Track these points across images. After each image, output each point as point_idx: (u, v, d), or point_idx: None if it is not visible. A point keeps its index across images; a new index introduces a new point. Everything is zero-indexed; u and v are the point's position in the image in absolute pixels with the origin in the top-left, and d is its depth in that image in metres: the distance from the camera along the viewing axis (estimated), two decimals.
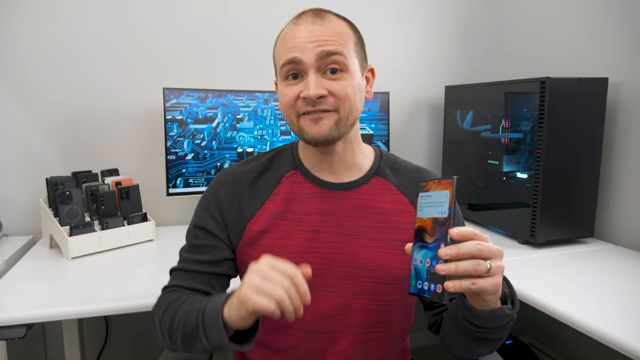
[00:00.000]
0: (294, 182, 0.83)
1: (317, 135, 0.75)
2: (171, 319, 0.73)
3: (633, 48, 1.39)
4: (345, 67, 0.74)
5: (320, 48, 0.73)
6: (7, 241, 1.48)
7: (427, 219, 0.63)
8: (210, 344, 0.66)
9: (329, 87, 0.74)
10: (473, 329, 0.70)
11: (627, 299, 1.04)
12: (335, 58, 0.73)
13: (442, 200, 0.61)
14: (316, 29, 0.74)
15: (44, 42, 1.53)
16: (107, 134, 1.62)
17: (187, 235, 0.86)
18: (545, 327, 1.77)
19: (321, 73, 0.74)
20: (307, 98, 0.73)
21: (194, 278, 0.80)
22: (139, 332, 1.74)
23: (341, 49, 0.74)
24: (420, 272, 0.61)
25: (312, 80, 0.73)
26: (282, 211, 0.81)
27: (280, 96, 0.78)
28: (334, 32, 0.75)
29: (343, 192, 0.82)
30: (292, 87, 0.75)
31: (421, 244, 0.62)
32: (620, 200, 1.44)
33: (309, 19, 0.75)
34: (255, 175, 0.84)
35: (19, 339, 0.97)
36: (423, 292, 0.61)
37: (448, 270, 0.58)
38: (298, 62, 0.73)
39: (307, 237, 0.79)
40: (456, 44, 1.97)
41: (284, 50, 0.75)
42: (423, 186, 0.65)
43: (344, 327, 0.78)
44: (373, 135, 1.76)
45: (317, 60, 0.73)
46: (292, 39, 0.74)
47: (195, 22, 1.66)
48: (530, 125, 1.39)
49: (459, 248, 0.58)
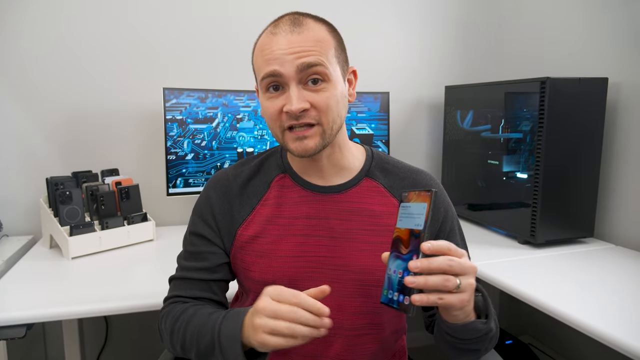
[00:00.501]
0: (283, 186, 0.83)
1: (303, 153, 0.75)
2: (182, 335, 0.74)
3: (633, 48, 1.39)
4: (326, 77, 0.73)
5: (300, 60, 0.71)
6: (7, 241, 1.48)
7: (404, 230, 0.63)
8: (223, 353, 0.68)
9: (311, 99, 0.72)
10: (449, 339, 0.71)
11: (627, 299, 1.04)
12: (316, 69, 0.71)
13: (420, 212, 0.61)
14: (294, 39, 0.71)
15: (44, 42, 1.53)
16: (107, 134, 1.62)
17: (184, 242, 0.87)
18: (545, 327, 1.77)
19: (302, 84, 0.72)
20: (290, 112, 0.72)
21: (194, 286, 0.81)
22: (139, 332, 1.74)
23: (321, 59, 0.72)
24: (392, 282, 0.62)
25: (294, 94, 0.71)
26: (272, 216, 0.81)
27: (263, 108, 0.77)
28: (314, 41, 0.72)
29: (333, 195, 0.81)
30: (274, 100, 0.74)
31: (396, 254, 0.63)
32: (620, 200, 1.44)
33: (287, 27, 0.73)
34: (245, 179, 0.84)
35: (19, 339, 0.98)
36: (392, 302, 0.61)
37: (417, 283, 0.58)
38: (278, 75, 0.72)
39: (298, 241, 0.79)
40: (456, 44, 1.97)
41: (263, 62, 0.73)
42: (405, 196, 0.65)
43: (337, 330, 0.78)
44: (373, 135, 1.76)
45: (298, 72, 0.71)
46: (271, 50, 0.72)
47: (195, 22, 1.66)
48: (530, 125, 1.39)
49: (429, 262, 0.58)
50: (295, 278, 0.78)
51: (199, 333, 0.71)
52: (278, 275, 0.78)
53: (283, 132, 0.75)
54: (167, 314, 0.79)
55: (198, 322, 0.73)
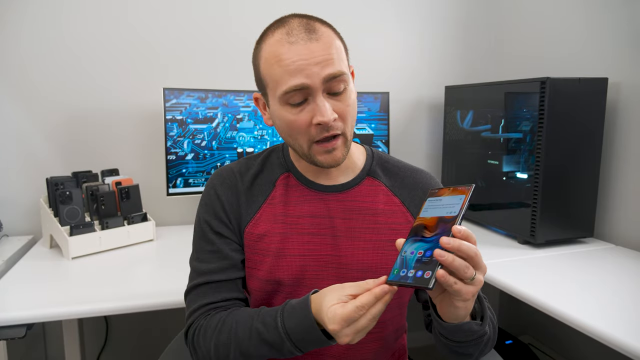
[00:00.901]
0: (288, 185, 0.83)
1: (332, 164, 0.75)
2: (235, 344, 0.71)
3: (633, 48, 1.39)
4: (345, 83, 0.73)
5: (326, 71, 0.69)
6: (7, 241, 1.48)
7: (431, 218, 0.64)
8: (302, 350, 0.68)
9: (335, 108, 0.72)
10: (444, 340, 0.71)
11: (627, 299, 1.04)
12: (340, 79, 0.71)
13: (455, 203, 0.63)
14: (314, 47, 0.69)
15: (44, 42, 1.53)
16: (107, 134, 1.62)
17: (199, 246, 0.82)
18: (545, 327, 1.77)
19: (325, 93, 0.72)
20: (324, 124, 0.71)
21: (222, 288, 0.79)
22: (139, 332, 1.73)
23: (343, 68, 0.72)
24: (407, 262, 0.62)
25: (325, 105, 0.70)
26: (278, 214, 0.81)
27: (284, 120, 0.74)
28: (332, 47, 0.71)
29: (336, 194, 0.82)
30: (300, 113, 0.72)
31: (416, 239, 0.63)
32: (620, 200, 1.44)
33: (303, 34, 0.70)
34: (251, 177, 0.83)
35: (19, 339, 0.98)
36: (405, 279, 0.61)
37: (446, 257, 0.58)
38: (305, 88, 0.70)
39: (304, 240, 0.79)
40: (456, 44, 1.97)
41: (285, 74, 0.70)
42: (434, 192, 0.67)
43: None
44: (373, 135, 1.76)
45: (323, 83, 0.70)
46: (292, 60, 0.69)
47: (196, 22, 1.66)
48: (530, 125, 1.39)
49: (460, 244, 0.59)
50: (301, 277, 0.78)
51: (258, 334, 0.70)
52: (285, 274, 0.78)
53: (311, 146, 0.74)
54: (203, 328, 0.74)
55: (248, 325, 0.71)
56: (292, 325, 0.67)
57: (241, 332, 0.71)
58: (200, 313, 0.77)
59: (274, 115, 0.77)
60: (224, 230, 0.81)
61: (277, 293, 0.80)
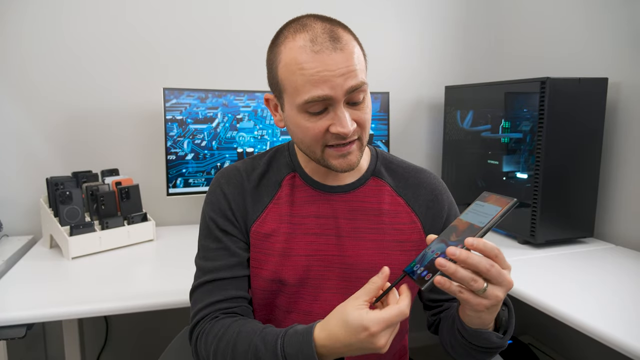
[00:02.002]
0: (294, 186, 0.83)
1: (347, 168, 0.75)
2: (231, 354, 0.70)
3: (633, 48, 1.39)
4: (365, 93, 0.73)
5: (349, 83, 0.69)
6: (7, 241, 1.48)
7: (465, 222, 0.65)
8: None
9: (355, 117, 0.72)
10: (460, 338, 0.71)
11: (627, 299, 1.04)
12: (361, 89, 0.71)
13: (489, 213, 0.63)
14: (339, 58, 0.68)
15: (44, 42, 1.53)
16: (107, 134, 1.62)
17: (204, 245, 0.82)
18: (545, 327, 1.77)
19: (345, 103, 0.71)
20: (342, 134, 0.70)
21: (228, 286, 0.78)
22: (139, 332, 1.73)
23: (364, 79, 0.71)
24: (424, 258, 0.63)
25: (346, 117, 0.70)
26: (284, 214, 0.81)
27: (300, 127, 0.73)
28: (355, 58, 0.70)
29: (341, 194, 0.82)
30: (317, 121, 0.71)
31: (443, 239, 0.64)
32: (620, 200, 1.44)
33: (327, 43, 0.68)
34: (257, 176, 0.83)
35: (19, 339, 0.98)
36: (413, 274, 0.63)
37: (446, 267, 0.58)
38: (328, 99, 0.69)
39: (309, 240, 0.80)
40: (456, 44, 1.97)
41: (308, 84, 0.68)
42: (485, 197, 0.67)
43: None
44: (373, 135, 1.76)
45: (346, 94, 0.70)
46: (317, 70, 0.68)
47: (195, 22, 1.66)
48: (530, 125, 1.39)
49: (468, 256, 0.59)
50: (306, 277, 0.79)
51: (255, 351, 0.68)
52: (289, 273, 0.78)
53: (323, 150, 0.74)
54: (206, 332, 0.74)
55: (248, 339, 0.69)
56: (292, 351, 0.65)
57: (240, 345, 0.69)
58: (206, 312, 0.76)
59: (288, 120, 0.76)
60: (230, 228, 0.80)
61: (280, 293, 0.80)
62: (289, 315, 0.80)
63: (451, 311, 0.79)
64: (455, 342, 0.75)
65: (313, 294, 0.79)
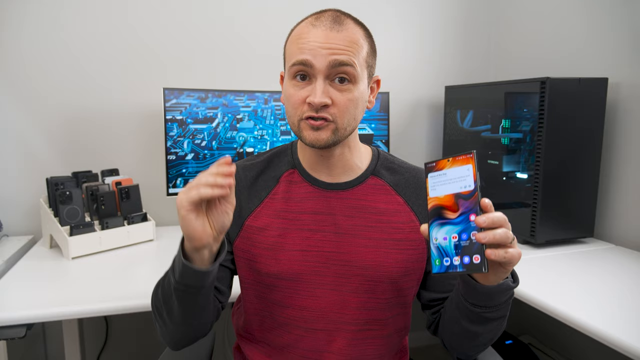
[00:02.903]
0: (292, 182, 0.84)
1: (314, 142, 0.76)
2: (155, 290, 0.76)
3: (633, 48, 1.39)
4: (353, 78, 0.75)
5: (333, 57, 0.73)
6: (7, 241, 1.48)
7: (446, 196, 0.62)
8: (176, 278, 0.68)
9: (333, 96, 0.74)
10: (479, 310, 0.70)
11: (627, 299, 1.04)
12: (346, 69, 0.73)
13: (464, 175, 0.61)
14: (332, 36, 0.73)
15: (44, 42, 1.53)
16: (107, 134, 1.62)
17: None
18: (545, 327, 1.77)
19: (329, 80, 0.74)
20: (312, 104, 0.73)
21: None
22: (139, 332, 1.74)
23: (353, 59, 0.74)
24: (445, 249, 0.61)
25: (320, 88, 0.73)
26: (280, 210, 0.82)
27: (286, 94, 0.78)
28: (350, 42, 0.74)
29: (339, 192, 0.83)
30: (299, 89, 0.75)
31: (442, 222, 0.62)
32: (620, 200, 1.44)
33: (328, 23, 0.74)
34: (255, 173, 0.85)
35: (19, 339, 0.98)
36: (454, 267, 0.60)
37: (488, 237, 0.58)
38: (309, 65, 0.73)
39: (304, 235, 0.80)
40: (456, 44, 1.97)
41: (296, 50, 0.75)
42: (432, 166, 0.65)
43: (341, 325, 0.79)
44: (373, 135, 1.76)
45: (328, 67, 0.73)
46: (307, 40, 0.74)
47: (195, 23, 1.66)
48: (530, 125, 1.39)
49: (493, 218, 0.59)
50: (300, 272, 0.79)
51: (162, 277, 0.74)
52: (284, 268, 0.79)
53: (300, 121, 0.76)
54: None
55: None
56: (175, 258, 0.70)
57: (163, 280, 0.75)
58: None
59: (284, 91, 0.80)
60: None
61: (275, 287, 0.80)
62: (284, 310, 0.80)
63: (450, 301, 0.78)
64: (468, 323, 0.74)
65: (308, 290, 0.79)
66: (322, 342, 0.80)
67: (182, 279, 0.67)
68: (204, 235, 0.64)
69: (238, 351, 0.92)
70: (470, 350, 0.82)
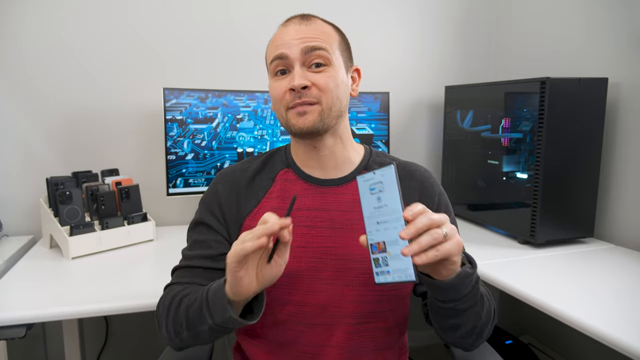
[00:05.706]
0: (287, 180, 0.86)
1: (302, 127, 0.79)
2: (176, 308, 0.75)
3: (633, 48, 1.39)
4: (328, 61, 0.79)
5: (305, 44, 0.78)
6: (7, 241, 1.48)
7: (374, 209, 0.65)
8: (215, 321, 0.68)
9: (312, 79, 0.78)
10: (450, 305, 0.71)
11: (627, 299, 1.04)
12: (319, 53, 0.79)
13: (387, 187, 0.64)
14: (302, 29, 0.80)
15: (44, 42, 1.53)
16: (107, 134, 1.62)
17: (188, 233, 0.88)
18: (545, 327, 1.77)
19: (306, 67, 0.79)
20: (293, 88, 0.77)
21: (196, 274, 0.82)
22: (139, 332, 1.73)
23: (325, 45, 0.79)
24: (380, 260, 0.64)
25: (297, 73, 0.78)
26: (277, 208, 0.83)
27: (271, 91, 0.83)
28: (319, 32, 0.80)
29: (333, 187, 0.85)
30: (280, 81, 0.80)
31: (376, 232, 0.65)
32: (620, 200, 1.44)
33: (296, 20, 0.82)
34: (251, 174, 0.87)
35: (19, 339, 0.98)
36: (386, 279, 0.63)
37: (412, 250, 0.60)
38: (285, 58, 0.79)
39: (301, 232, 0.82)
40: (456, 44, 1.97)
41: (273, 49, 0.81)
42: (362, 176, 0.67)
43: (339, 319, 0.80)
44: (373, 135, 1.76)
45: (302, 54, 0.78)
46: (281, 38, 0.80)
47: (196, 22, 1.66)
48: (530, 125, 1.39)
49: (416, 227, 0.60)
50: (299, 268, 0.80)
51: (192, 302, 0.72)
52: None
53: (287, 111, 0.80)
54: (165, 296, 0.80)
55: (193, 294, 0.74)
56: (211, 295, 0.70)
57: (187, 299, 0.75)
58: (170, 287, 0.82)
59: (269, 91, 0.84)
60: (212, 223, 0.84)
61: (274, 284, 0.80)
62: (284, 307, 0.81)
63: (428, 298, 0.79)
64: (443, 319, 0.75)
65: (307, 285, 0.80)
66: (321, 337, 0.81)
67: (222, 323, 0.68)
68: (247, 291, 0.67)
69: (238, 351, 0.92)
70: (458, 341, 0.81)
